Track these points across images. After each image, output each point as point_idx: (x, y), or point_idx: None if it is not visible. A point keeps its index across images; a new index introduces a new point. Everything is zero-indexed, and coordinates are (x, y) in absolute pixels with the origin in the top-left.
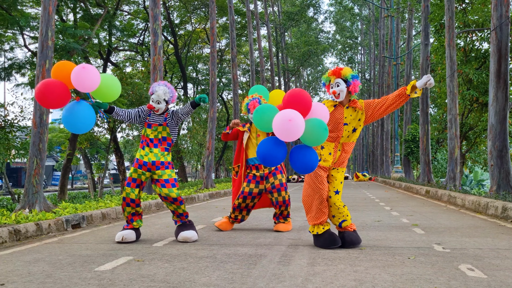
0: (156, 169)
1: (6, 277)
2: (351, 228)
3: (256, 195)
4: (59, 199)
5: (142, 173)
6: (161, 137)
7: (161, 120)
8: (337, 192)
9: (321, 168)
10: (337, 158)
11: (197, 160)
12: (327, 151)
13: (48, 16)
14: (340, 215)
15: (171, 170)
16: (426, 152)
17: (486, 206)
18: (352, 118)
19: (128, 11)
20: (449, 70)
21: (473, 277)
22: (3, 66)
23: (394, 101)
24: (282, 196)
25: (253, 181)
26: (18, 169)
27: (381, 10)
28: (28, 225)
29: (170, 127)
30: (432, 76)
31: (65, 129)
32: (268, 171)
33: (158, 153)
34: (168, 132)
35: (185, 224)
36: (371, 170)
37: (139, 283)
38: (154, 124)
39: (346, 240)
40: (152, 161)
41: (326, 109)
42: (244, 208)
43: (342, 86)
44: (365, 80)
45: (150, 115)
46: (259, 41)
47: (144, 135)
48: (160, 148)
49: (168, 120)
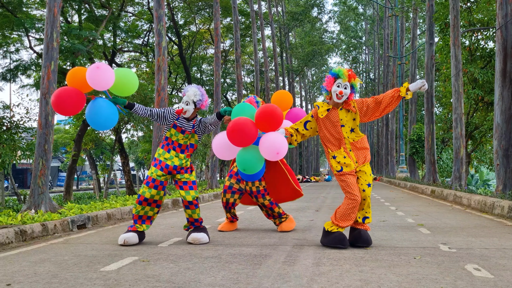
0: (177, 173)
1: (12, 277)
2: (368, 228)
3: (236, 191)
4: (64, 200)
5: (163, 175)
6: (190, 143)
7: (190, 126)
8: (369, 185)
9: (348, 174)
10: (355, 159)
11: (201, 161)
12: (341, 156)
13: (53, 18)
14: (367, 210)
15: (189, 174)
16: (431, 151)
17: (492, 205)
18: (347, 119)
19: (133, 12)
20: (454, 69)
21: (479, 277)
22: (8, 68)
23: (390, 102)
24: (268, 199)
25: (234, 176)
26: (24, 170)
27: (385, 9)
28: (34, 226)
29: (197, 134)
30: (437, 75)
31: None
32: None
33: (183, 159)
34: (196, 140)
35: (198, 227)
36: (376, 170)
37: (144, 283)
38: (186, 131)
39: (362, 238)
40: (174, 165)
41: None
42: (227, 204)
43: (348, 91)
44: (369, 80)
45: (178, 118)
46: (263, 41)
47: (172, 138)
48: (186, 155)
49: (196, 127)
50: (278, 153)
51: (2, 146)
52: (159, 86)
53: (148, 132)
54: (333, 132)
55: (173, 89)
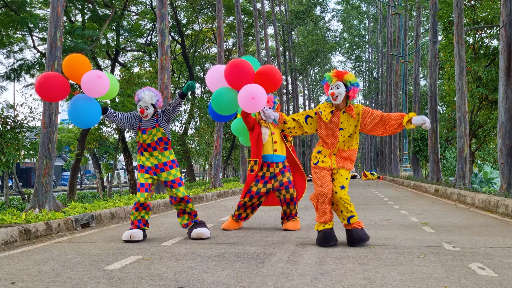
0: (161, 171)
1: (17, 276)
2: (359, 225)
3: (263, 195)
4: (68, 199)
5: (149, 176)
6: (157, 139)
7: (153, 123)
8: (343, 187)
9: (323, 168)
10: (334, 162)
11: (204, 160)
12: (323, 155)
13: (57, 17)
14: (348, 210)
15: (175, 169)
16: (435, 150)
17: (496, 204)
18: (348, 123)
19: (136, 11)
20: (458, 68)
21: (484, 275)
22: (12, 67)
23: (393, 128)
24: (290, 194)
25: (261, 181)
26: (28, 169)
27: (388, 8)
28: (38, 225)
29: (162, 126)
30: (441, 74)
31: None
32: (278, 170)
33: (158, 155)
34: (162, 132)
35: (197, 222)
36: (379, 168)
37: (148, 282)
38: (148, 129)
39: (354, 238)
40: (154, 164)
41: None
42: (249, 206)
43: (342, 90)
44: (373, 78)
45: (142, 120)
46: (266, 40)
47: (140, 141)
48: (159, 149)
49: (160, 121)
50: (254, 98)
51: (6, 145)
52: (162, 85)
53: None
54: (330, 133)
55: (176, 88)
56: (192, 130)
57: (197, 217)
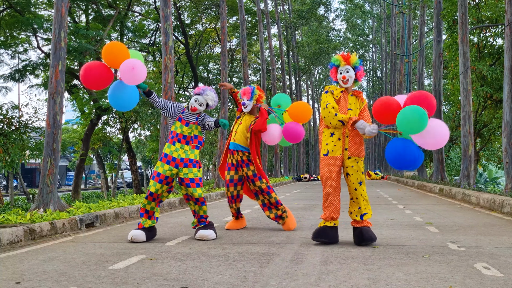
0: (184, 166)
1: (22, 276)
2: (369, 224)
3: (237, 182)
4: (73, 199)
5: (169, 168)
6: (194, 135)
7: (194, 118)
8: (360, 183)
9: (333, 159)
10: (347, 144)
11: (208, 159)
12: (336, 137)
13: (61, 18)
14: (364, 206)
15: (197, 169)
16: (440, 150)
17: (501, 204)
18: (355, 106)
19: (140, 11)
20: (462, 67)
21: (489, 275)
22: (17, 68)
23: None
24: (258, 186)
25: (232, 168)
26: (32, 170)
27: (392, 7)
28: (42, 225)
29: (200, 126)
30: (445, 73)
31: (78, 130)
32: (240, 159)
33: (188, 150)
34: (200, 131)
35: (205, 224)
36: (383, 168)
37: (152, 281)
38: (190, 123)
39: (365, 236)
40: (181, 157)
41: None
42: (232, 198)
43: (351, 73)
44: (377, 78)
45: (184, 112)
46: (269, 40)
47: (177, 131)
48: (191, 146)
49: (199, 120)
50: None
51: (11, 145)
52: (166, 85)
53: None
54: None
55: (180, 88)
56: None
57: (207, 220)
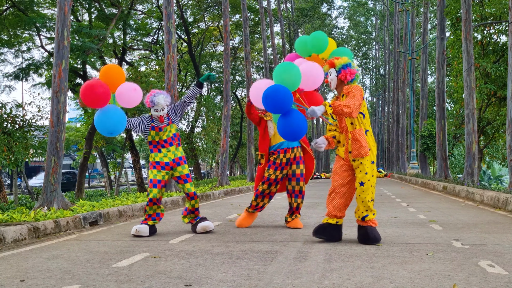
0: (177, 165)
1: (26, 273)
2: (374, 224)
3: (279, 181)
4: (76, 197)
5: (166, 173)
6: (172, 134)
7: (166, 121)
8: (362, 183)
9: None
10: (349, 148)
11: (211, 158)
12: (342, 142)
13: (64, 17)
14: (363, 208)
15: (186, 165)
16: (443, 147)
17: (505, 201)
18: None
19: (142, 10)
20: (466, 64)
21: (493, 273)
22: (20, 67)
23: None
24: (300, 187)
25: (279, 167)
26: (36, 168)
27: (395, 4)
28: (46, 223)
29: (175, 122)
30: (448, 70)
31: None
32: (293, 156)
33: (175, 150)
34: (176, 128)
35: (201, 218)
36: (387, 166)
37: (156, 279)
38: (163, 126)
39: (369, 236)
40: (172, 159)
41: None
42: (267, 194)
43: (333, 75)
44: (380, 75)
45: (153, 120)
46: (272, 38)
47: (156, 139)
48: (175, 145)
49: (172, 117)
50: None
51: (15, 144)
52: (169, 83)
53: None
54: (338, 119)
55: (183, 87)
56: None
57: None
